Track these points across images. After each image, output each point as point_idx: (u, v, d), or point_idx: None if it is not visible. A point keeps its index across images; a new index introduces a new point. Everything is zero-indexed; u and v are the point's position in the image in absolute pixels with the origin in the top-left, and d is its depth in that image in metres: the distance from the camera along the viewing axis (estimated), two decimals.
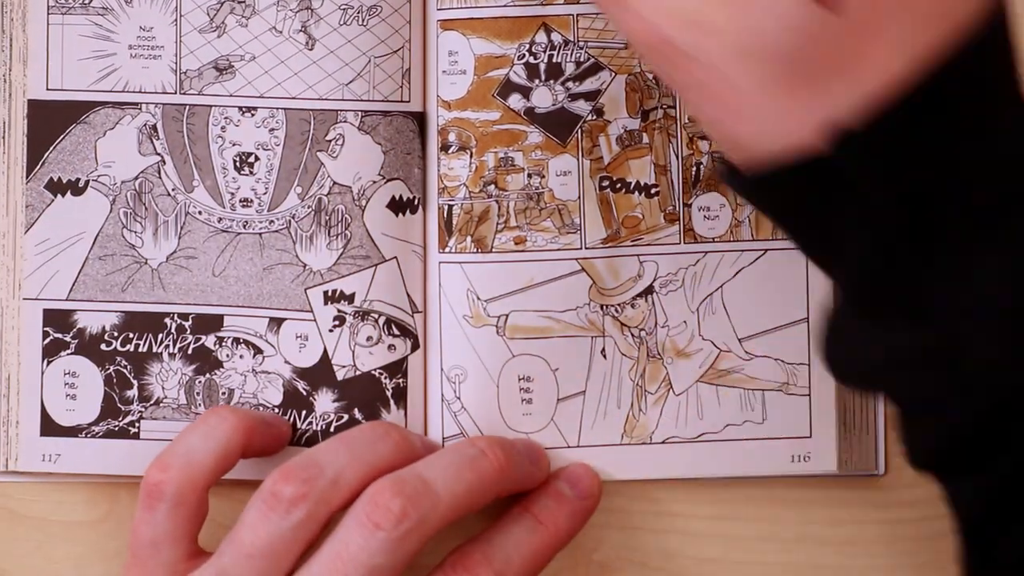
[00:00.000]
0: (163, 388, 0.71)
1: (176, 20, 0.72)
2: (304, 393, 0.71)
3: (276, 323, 0.71)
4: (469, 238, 0.71)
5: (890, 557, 0.72)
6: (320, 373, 0.71)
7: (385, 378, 0.71)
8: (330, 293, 0.71)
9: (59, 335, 0.71)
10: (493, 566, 0.67)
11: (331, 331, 0.71)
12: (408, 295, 0.71)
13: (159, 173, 0.72)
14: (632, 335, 0.71)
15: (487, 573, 0.67)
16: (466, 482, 0.66)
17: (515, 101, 0.71)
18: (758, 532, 0.72)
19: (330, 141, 0.71)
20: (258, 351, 0.71)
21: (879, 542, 0.72)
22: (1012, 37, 0.55)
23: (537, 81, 0.71)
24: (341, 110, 0.71)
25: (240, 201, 0.72)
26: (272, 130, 0.71)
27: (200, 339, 0.72)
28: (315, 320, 0.71)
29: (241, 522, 0.65)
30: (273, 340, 0.71)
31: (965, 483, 0.57)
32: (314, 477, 0.65)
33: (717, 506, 0.72)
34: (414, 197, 0.71)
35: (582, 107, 0.71)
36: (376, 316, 0.71)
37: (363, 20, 0.71)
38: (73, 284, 0.72)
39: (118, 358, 0.71)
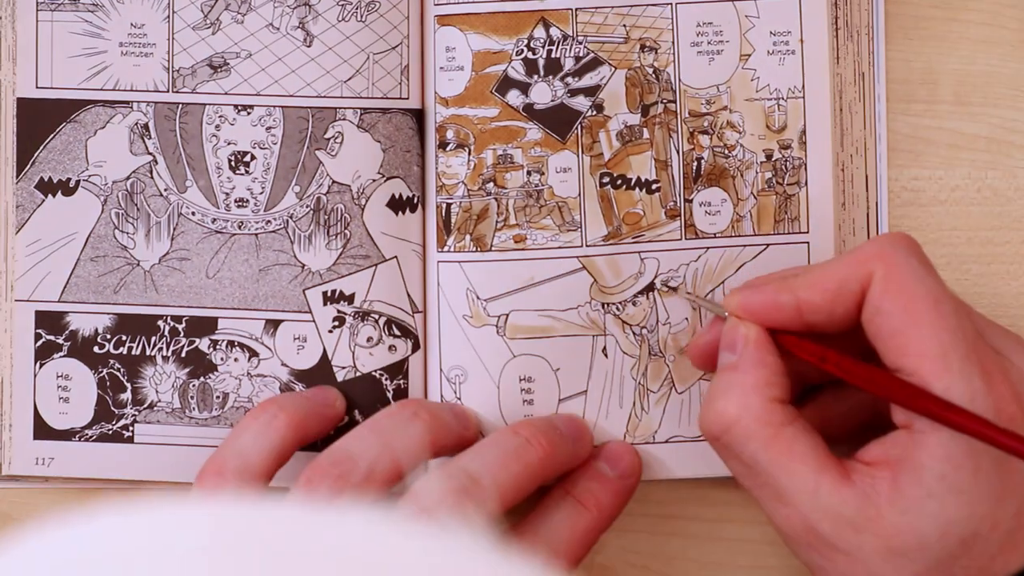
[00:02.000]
0: (157, 391, 0.70)
1: (168, 17, 0.71)
2: None
3: (273, 325, 0.70)
4: (468, 237, 0.70)
5: None
6: (319, 375, 0.70)
7: (386, 379, 0.70)
8: (329, 293, 0.70)
9: (51, 337, 0.70)
10: (538, 554, 0.66)
11: (331, 332, 0.70)
12: (408, 295, 0.70)
13: (151, 173, 0.71)
14: (634, 333, 0.70)
15: None
16: (513, 474, 0.65)
17: (513, 97, 0.71)
18: (762, 535, 0.71)
19: (329, 139, 0.70)
20: (254, 354, 0.70)
21: None
22: None
23: (536, 77, 0.71)
24: (340, 108, 0.70)
25: (235, 201, 0.71)
26: (269, 128, 0.70)
27: (194, 342, 0.71)
28: (314, 321, 0.70)
29: None
30: (269, 342, 0.70)
31: None
32: (348, 472, 0.64)
33: (720, 508, 0.71)
34: (413, 195, 0.71)
35: (581, 103, 0.71)
36: (376, 316, 0.70)
37: (361, 16, 0.70)
38: (65, 286, 0.71)
39: (111, 361, 0.70)
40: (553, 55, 0.71)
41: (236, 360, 0.71)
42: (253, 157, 0.71)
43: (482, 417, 0.70)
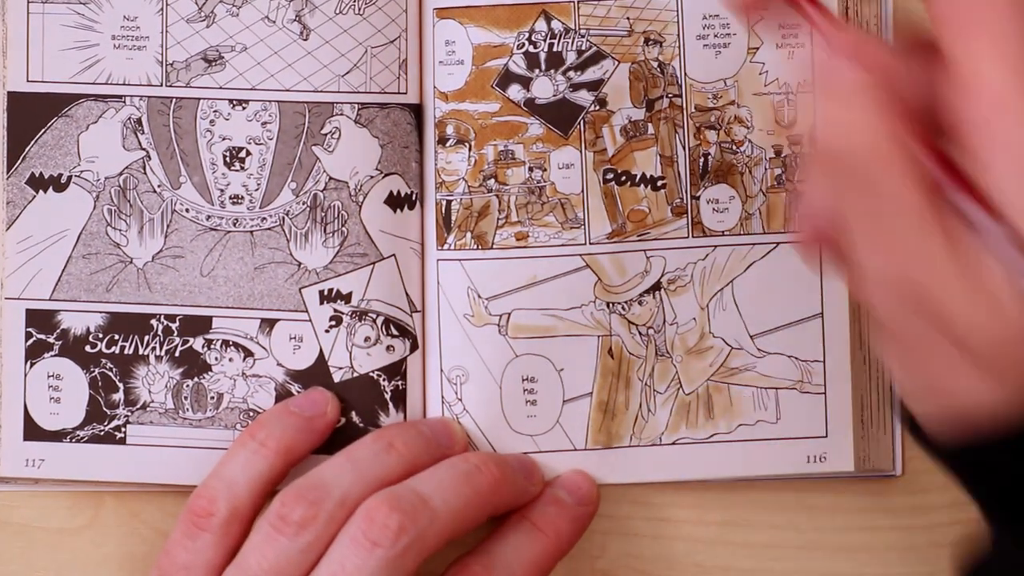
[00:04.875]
0: (150, 392, 0.69)
1: (162, 9, 0.70)
2: None
3: (268, 324, 0.69)
4: (469, 234, 0.69)
5: (904, 565, 0.71)
6: (315, 375, 0.69)
7: (384, 380, 0.69)
8: (326, 292, 0.69)
9: (42, 336, 0.69)
10: None
11: (327, 332, 0.69)
12: (407, 294, 0.69)
13: (144, 169, 0.70)
14: (640, 333, 0.69)
15: None
16: (463, 497, 0.65)
17: (515, 92, 0.70)
18: (767, 539, 0.71)
19: (326, 135, 0.69)
20: (248, 353, 0.69)
21: (892, 549, 0.71)
22: None
23: (537, 71, 0.70)
24: (337, 102, 0.69)
25: (230, 198, 0.70)
26: (265, 124, 0.69)
27: (187, 341, 0.69)
28: (310, 320, 0.69)
29: (248, 544, 0.65)
30: (265, 342, 0.69)
31: None
32: (321, 499, 0.64)
33: (724, 512, 0.71)
34: (412, 192, 0.69)
35: (584, 97, 0.70)
36: (374, 316, 0.69)
37: (359, 9, 0.69)
38: (56, 283, 0.70)
39: (103, 360, 0.70)
40: (555, 49, 0.70)
41: (231, 360, 0.69)
42: (248, 153, 0.70)
43: (483, 419, 0.69)
